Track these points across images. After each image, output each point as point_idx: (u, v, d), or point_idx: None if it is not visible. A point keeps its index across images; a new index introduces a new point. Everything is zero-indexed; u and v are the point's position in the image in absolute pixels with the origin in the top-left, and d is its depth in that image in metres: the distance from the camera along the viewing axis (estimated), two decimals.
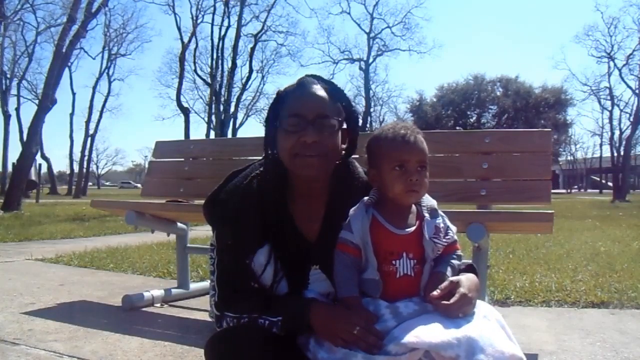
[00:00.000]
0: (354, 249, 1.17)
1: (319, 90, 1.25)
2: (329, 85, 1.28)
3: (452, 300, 1.12)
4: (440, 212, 1.26)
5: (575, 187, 59.12)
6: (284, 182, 1.29)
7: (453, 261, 1.23)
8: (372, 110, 38.20)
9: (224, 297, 1.27)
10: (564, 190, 51.85)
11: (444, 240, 1.21)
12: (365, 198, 1.22)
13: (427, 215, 1.22)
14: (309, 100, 1.23)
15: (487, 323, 1.13)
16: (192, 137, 27.69)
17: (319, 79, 1.29)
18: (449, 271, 1.20)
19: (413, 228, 1.19)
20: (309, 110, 1.22)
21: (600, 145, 44.37)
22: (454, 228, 1.25)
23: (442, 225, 1.22)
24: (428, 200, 1.26)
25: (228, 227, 1.27)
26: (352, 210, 1.20)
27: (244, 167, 1.37)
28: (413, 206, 1.24)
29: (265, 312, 1.19)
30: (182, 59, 28.82)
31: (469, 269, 1.27)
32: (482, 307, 1.18)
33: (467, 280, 1.18)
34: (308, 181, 1.27)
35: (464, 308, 1.13)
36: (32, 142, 13.44)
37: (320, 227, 1.27)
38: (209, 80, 29.84)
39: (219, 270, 1.29)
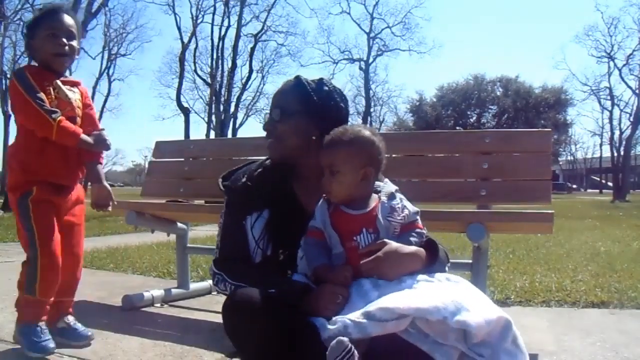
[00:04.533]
0: (317, 232, 1.34)
1: (282, 88, 1.54)
2: (296, 83, 1.51)
3: (366, 259, 1.23)
4: (399, 195, 1.39)
5: (575, 185, 59.04)
6: (292, 165, 1.54)
7: (412, 239, 1.31)
8: (372, 110, 38.18)
9: (221, 256, 1.51)
10: (564, 190, 51.77)
11: (399, 218, 1.33)
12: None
13: (384, 198, 1.35)
14: (273, 97, 1.55)
15: (471, 290, 1.20)
16: (192, 137, 27.67)
17: (295, 78, 1.52)
18: None
19: (369, 208, 1.33)
20: (270, 105, 1.55)
21: (600, 145, 44.40)
22: (412, 209, 1.36)
23: (398, 205, 1.35)
24: (387, 187, 1.40)
25: (232, 193, 1.53)
26: (318, 204, 1.39)
27: (266, 158, 1.62)
28: (374, 195, 1.38)
29: (256, 283, 1.30)
30: (182, 59, 28.78)
31: (428, 244, 1.35)
32: (463, 282, 1.25)
33: (396, 245, 1.25)
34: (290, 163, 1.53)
35: (379, 267, 1.21)
36: None
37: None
38: (209, 80, 29.79)
39: (221, 229, 1.54)
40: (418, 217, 1.37)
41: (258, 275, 1.36)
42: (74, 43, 2.18)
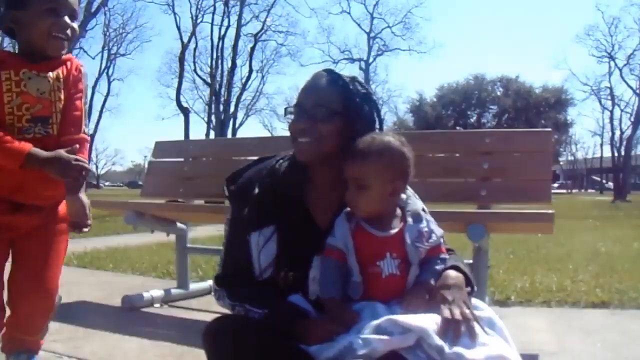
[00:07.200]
0: (337, 253, 1.22)
1: (321, 82, 1.34)
2: (335, 77, 1.34)
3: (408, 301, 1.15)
4: (425, 216, 1.28)
5: (576, 188, 59.02)
6: (306, 171, 1.36)
7: (437, 267, 1.24)
8: None
9: (223, 272, 1.39)
10: (564, 190, 51.73)
11: (427, 244, 1.23)
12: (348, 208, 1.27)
13: (410, 219, 1.25)
14: (308, 91, 1.34)
15: (483, 320, 1.14)
16: (192, 137, 27.63)
17: (330, 72, 1.37)
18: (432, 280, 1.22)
19: (396, 230, 1.23)
20: (305, 99, 1.33)
21: (601, 145, 44.36)
22: (438, 232, 1.28)
23: (425, 229, 1.25)
24: (413, 205, 1.30)
25: (237, 202, 1.38)
26: (337, 218, 1.26)
27: (273, 155, 1.46)
28: (398, 210, 1.27)
29: (253, 303, 1.26)
30: (181, 59, 28.75)
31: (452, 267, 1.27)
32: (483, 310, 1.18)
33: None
34: (312, 168, 1.35)
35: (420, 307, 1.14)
36: None
37: (333, 216, 1.30)
38: (208, 80, 29.78)
39: (225, 241, 1.42)
40: (442, 240, 1.29)
41: (257, 298, 1.28)
42: (75, 25, 1.70)
